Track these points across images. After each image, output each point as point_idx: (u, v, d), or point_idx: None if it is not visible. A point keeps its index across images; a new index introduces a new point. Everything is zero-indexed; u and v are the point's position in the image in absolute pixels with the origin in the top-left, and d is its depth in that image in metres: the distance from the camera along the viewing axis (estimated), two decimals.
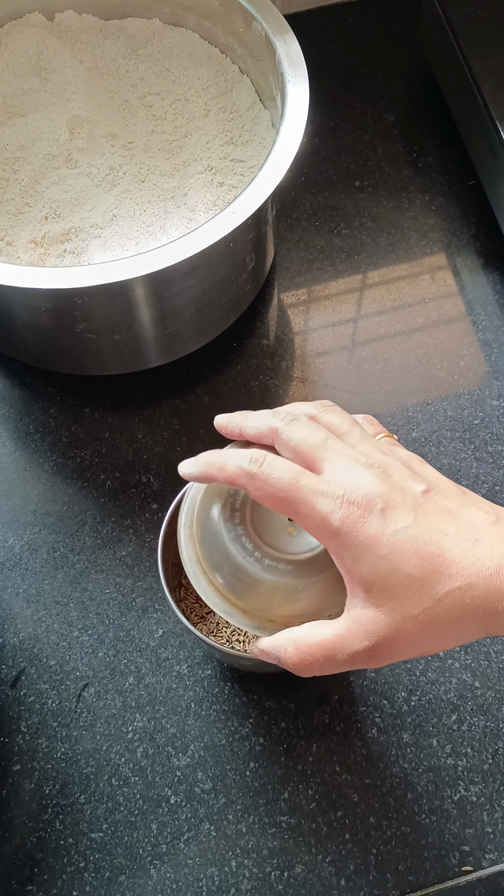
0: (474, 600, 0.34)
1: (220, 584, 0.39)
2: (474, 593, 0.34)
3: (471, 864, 0.45)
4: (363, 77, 0.71)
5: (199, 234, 0.47)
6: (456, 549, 0.34)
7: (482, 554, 0.34)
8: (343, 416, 0.39)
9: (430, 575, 0.34)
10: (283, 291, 0.62)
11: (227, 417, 0.40)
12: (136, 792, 0.47)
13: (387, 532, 0.34)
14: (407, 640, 0.34)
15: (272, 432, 0.38)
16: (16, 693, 0.49)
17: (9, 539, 0.53)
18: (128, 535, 0.53)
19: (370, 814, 0.46)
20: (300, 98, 0.51)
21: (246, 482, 0.36)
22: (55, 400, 0.58)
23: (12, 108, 0.59)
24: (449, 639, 0.35)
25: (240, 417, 0.40)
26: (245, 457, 0.36)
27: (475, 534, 0.34)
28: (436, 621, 0.34)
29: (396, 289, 0.62)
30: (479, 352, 0.59)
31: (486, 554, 0.34)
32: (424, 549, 0.34)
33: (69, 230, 0.53)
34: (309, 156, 0.67)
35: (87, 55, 0.61)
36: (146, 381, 0.58)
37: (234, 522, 0.39)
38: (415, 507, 0.35)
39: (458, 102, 0.64)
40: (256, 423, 0.38)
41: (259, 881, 0.45)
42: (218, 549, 0.39)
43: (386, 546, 0.34)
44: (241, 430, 0.39)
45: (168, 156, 0.57)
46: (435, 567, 0.34)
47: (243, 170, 0.56)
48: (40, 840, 0.46)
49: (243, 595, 0.39)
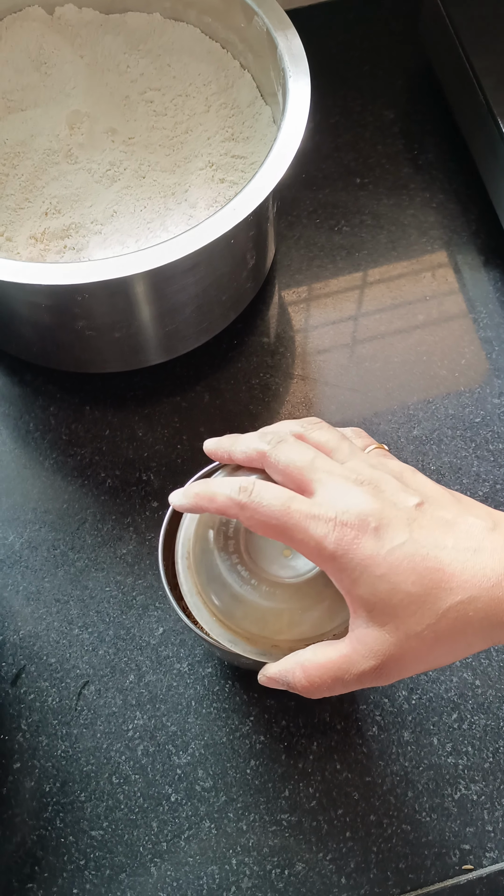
0: (477, 612, 0.33)
1: (221, 614, 0.39)
2: (477, 605, 0.33)
3: (471, 863, 0.45)
4: (364, 74, 0.71)
5: (200, 230, 0.46)
6: (455, 562, 0.33)
7: (483, 564, 0.33)
8: (331, 431, 0.39)
9: (431, 591, 0.33)
10: (284, 289, 0.62)
11: (215, 442, 0.40)
12: (137, 790, 0.47)
13: (382, 551, 0.34)
14: (414, 657, 0.34)
15: (260, 456, 0.38)
16: (16, 691, 0.49)
17: (9, 537, 0.53)
18: (128, 533, 0.53)
19: (371, 812, 0.46)
20: (302, 94, 0.51)
21: (237, 512, 0.36)
22: (55, 397, 0.58)
23: (12, 104, 0.59)
24: (456, 652, 0.34)
25: (228, 442, 0.39)
26: (234, 486, 0.36)
27: (474, 543, 0.34)
28: (441, 636, 0.33)
29: (397, 286, 0.62)
30: (479, 350, 0.59)
31: (486, 563, 0.33)
32: (423, 564, 0.33)
33: (69, 226, 0.53)
34: (309, 153, 0.67)
35: (87, 50, 0.61)
36: (146, 379, 0.58)
37: (228, 551, 0.39)
38: (409, 521, 0.34)
39: (459, 99, 0.64)
40: (244, 447, 0.38)
41: (259, 879, 0.45)
42: (215, 579, 0.39)
43: (383, 566, 0.33)
44: (230, 455, 0.39)
45: (168, 152, 0.57)
46: (435, 582, 0.33)
47: (244, 166, 0.56)
48: (41, 838, 0.46)
49: (245, 623, 0.39)
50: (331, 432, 0.39)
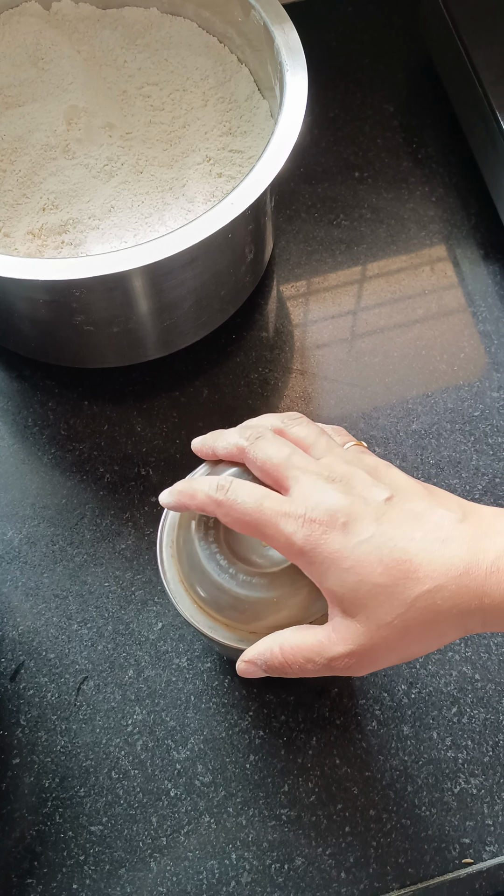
0: (446, 601, 0.34)
1: (201, 601, 0.40)
2: (445, 594, 0.34)
3: (471, 857, 0.45)
4: (363, 67, 0.71)
5: (198, 225, 0.46)
6: (423, 552, 0.34)
7: (451, 553, 0.34)
8: (309, 427, 0.40)
9: (399, 581, 0.34)
10: (283, 283, 0.62)
11: (201, 440, 0.42)
12: (136, 785, 0.47)
13: (349, 545, 0.35)
14: (386, 646, 0.35)
15: (240, 451, 0.39)
16: (15, 686, 0.49)
17: (7, 532, 0.53)
18: (127, 528, 0.53)
19: (370, 806, 0.46)
20: (299, 88, 0.51)
21: (214, 509, 0.38)
22: (53, 393, 0.57)
23: (9, 99, 0.58)
24: (428, 641, 0.35)
25: (211, 438, 0.41)
26: (212, 484, 0.38)
27: (442, 534, 0.34)
28: (411, 626, 0.34)
29: (396, 280, 0.62)
30: (479, 343, 0.59)
31: (454, 553, 0.34)
32: (390, 556, 0.34)
33: (67, 221, 0.53)
34: (308, 147, 0.67)
35: (84, 45, 0.61)
36: (145, 374, 0.58)
37: (208, 540, 0.40)
38: (378, 515, 0.35)
39: (459, 93, 0.64)
40: (225, 443, 0.40)
41: (259, 874, 0.45)
42: (196, 567, 0.40)
43: (350, 559, 0.35)
44: (214, 451, 0.41)
45: (166, 146, 0.57)
46: (402, 573, 0.34)
47: (242, 160, 0.56)
48: (40, 833, 0.46)
49: (225, 610, 0.40)
50: (309, 428, 0.40)
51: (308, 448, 0.39)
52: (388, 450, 0.55)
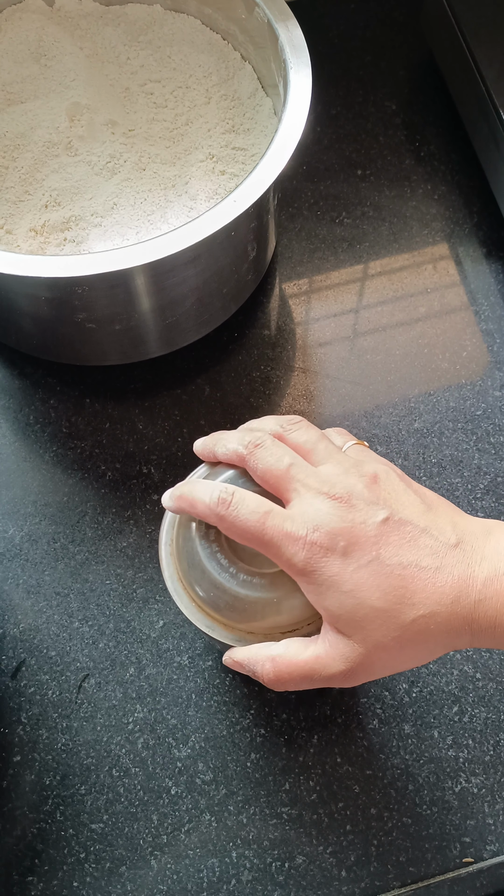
0: (438, 626, 0.36)
1: (200, 600, 0.40)
2: (437, 620, 0.35)
3: (472, 856, 0.45)
4: (365, 65, 0.70)
5: (200, 223, 0.46)
6: (417, 580, 0.36)
7: (441, 583, 0.36)
8: (309, 432, 0.40)
9: (395, 606, 0.35)
10: (285, 281, 0.62)
11: (202, 443, 0.42)
12: (137, 783, 0.47)
13: (349, 569, 0.36)
14: (381, 663, 0.37)
15: (239, 459, 0.40)
16: (16, 684, 0.49)
17: (9, 530, 0.53)
18: (128, 526, 0.53)
19: (371, 805, 0.46)
20: (303, 86, 0.51)
21: (215, 522, 0.38)
22: (55, 390, 0.57)
23: (12, 96, 0.58)
24: (419, 657, 0.37)
25: (212, 442, 0.42)
26: (214, 495, 0.38)
27: (436, 561, 0.36)
28: (405, 645, 0.36)
29: (398, 279, 0.62)
30: (481, 342, 0.59)
31: (445, 582, 0.36)
32: (387, 582, 0.36)
33: (69, 218, 0.53)
34: (310, 144, 0.66)
35: (87, 42, 0.60)
36: (147, 372, 0.58)
37: (209, 539, 0.40)
38: (377, 539, 0.36)
39: (461, 90, 0.64)
40: (224, 448, 0.40)
41: (260, 872, 0.45)
42: (195, 565, 0.40)
43: (349, 583, 0.36)
44: (214, 455, 0.41)
45: (169, 144, 0.57)
46: (398, 598, 0.35)
47: (245, 158, 0.56)
48: (41, 831, 0.46)
49: (223, 610, 0.40)
50: (308, 433, 0.40)
51: (308, 454, 0.39)
52: (390, 448, 0.55)
